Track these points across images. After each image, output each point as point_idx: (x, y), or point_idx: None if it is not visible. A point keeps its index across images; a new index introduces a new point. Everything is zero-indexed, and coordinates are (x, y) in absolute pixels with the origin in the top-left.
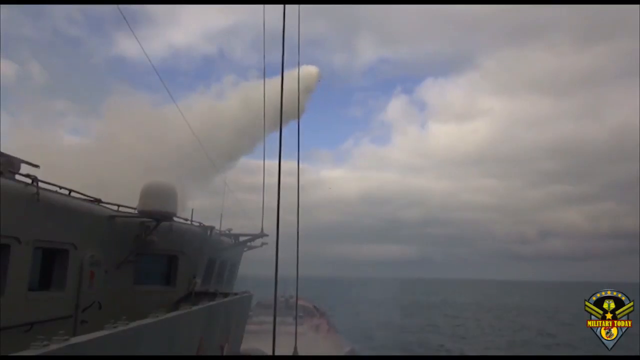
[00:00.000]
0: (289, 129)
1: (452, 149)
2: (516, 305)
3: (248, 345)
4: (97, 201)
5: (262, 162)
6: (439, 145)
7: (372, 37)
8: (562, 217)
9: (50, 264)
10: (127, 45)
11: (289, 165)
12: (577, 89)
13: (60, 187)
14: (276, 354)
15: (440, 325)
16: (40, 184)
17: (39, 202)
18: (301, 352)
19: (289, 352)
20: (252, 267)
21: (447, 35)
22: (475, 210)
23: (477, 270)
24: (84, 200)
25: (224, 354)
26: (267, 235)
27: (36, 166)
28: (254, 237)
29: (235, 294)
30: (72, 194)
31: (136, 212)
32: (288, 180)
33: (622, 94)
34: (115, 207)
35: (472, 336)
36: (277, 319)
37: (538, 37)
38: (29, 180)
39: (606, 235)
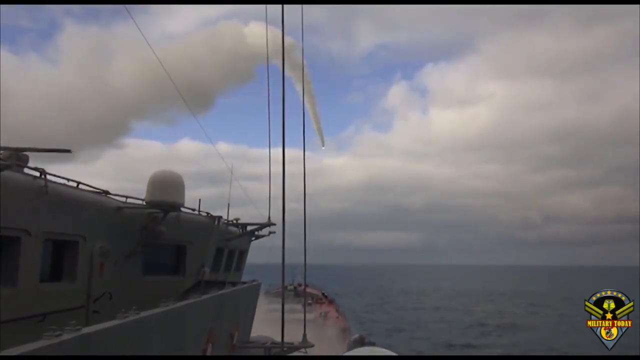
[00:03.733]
0: (293, 118)
1: (454, 134)
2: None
3: (257, 333)
4: (105, 193)
5: (268, 150)
6: (441, 131)
7: (370, 23)
8: (566, 201)
9: (60, 256)
10: (122, 31)
11: (293, 153)
12: (579, 72)
13: (69, 180)
14: (285, 340)
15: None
16: (48, 177)
17: (48, 195)
18: (310, 339)
19: (298, 338)
20: (261, 255)
21: (447, 20)
22: (479, 196)
23: (481, 256)
24: (92, 192)
25: (234, 342)
26: (274, 224)
27: (68, 151)
28: (261, 226)
29: (244, 282)
30: (80, 186)
31: (144, 203)
32: (293, 168)
33: (625, 76)
34: (123, 199)
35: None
36: (286, 306)
37: (539, 19)
38: (37, 173)
39: (611, 220)
